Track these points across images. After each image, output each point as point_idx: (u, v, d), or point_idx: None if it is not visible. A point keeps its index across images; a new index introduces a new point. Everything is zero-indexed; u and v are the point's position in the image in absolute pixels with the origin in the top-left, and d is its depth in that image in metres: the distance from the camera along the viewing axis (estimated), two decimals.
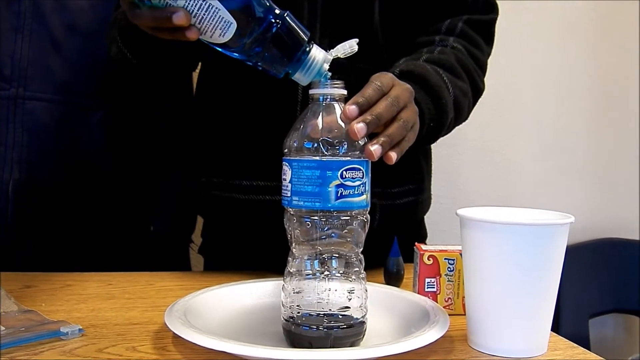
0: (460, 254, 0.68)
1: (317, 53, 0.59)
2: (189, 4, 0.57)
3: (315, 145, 0.56)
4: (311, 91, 0.59)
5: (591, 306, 1.58)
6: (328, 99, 0.58)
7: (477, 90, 0.92)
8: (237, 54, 0.60)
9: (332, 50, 0.60)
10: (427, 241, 1.04)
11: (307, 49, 0.59)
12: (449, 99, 0.82)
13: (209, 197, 0.95)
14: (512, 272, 0.57)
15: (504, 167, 1.67)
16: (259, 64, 0.60)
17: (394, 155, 0.61)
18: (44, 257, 0.95)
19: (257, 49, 0.58)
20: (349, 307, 0.58)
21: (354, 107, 0.58)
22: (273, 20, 0.57)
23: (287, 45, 0.58)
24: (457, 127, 0.90)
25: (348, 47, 0.60)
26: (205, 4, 0.57)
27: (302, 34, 0.59)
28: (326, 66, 0.59)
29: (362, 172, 0.57)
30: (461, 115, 0.89)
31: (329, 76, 0.60)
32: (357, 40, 0.61)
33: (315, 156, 0.56)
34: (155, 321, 0.67)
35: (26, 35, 0.94)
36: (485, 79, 0.95)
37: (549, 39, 1.67)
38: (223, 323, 0.63)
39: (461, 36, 0.91)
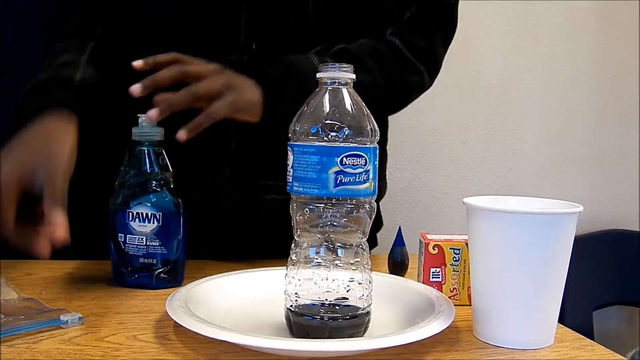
0: (466, 244, 0.67)
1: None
2: None
3: (316, 130, 0.55)
4: (318, 74, 0.57)
5: (595, 298, 1.57)
6: (336, 84, 0.57)
7: (399, 81, 0.89)
8: None
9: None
10: (382, 229, 1.03)
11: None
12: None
13: None
14: (519, 262, 0.56)
15: (508, 157, 1.67)
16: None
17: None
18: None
19: None
20: (349, 298, 0.57)
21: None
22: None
23: None
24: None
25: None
26: None
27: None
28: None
29: (365, 159, 0.55)
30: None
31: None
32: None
33: (316, 141, 0.55)
34: (157, 310, 0.66)
35: None
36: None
37: (554, 30, 1.66)
38: (224, 312, 0.62)
39: (408, 27, 0.89)
